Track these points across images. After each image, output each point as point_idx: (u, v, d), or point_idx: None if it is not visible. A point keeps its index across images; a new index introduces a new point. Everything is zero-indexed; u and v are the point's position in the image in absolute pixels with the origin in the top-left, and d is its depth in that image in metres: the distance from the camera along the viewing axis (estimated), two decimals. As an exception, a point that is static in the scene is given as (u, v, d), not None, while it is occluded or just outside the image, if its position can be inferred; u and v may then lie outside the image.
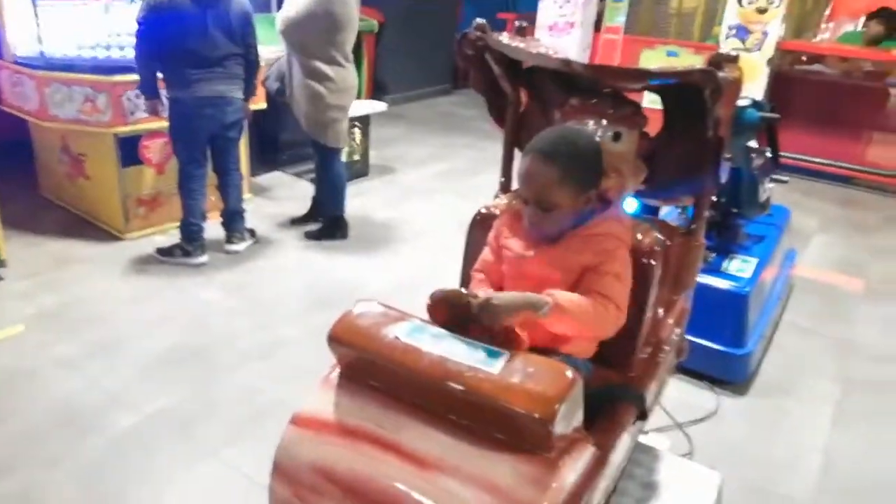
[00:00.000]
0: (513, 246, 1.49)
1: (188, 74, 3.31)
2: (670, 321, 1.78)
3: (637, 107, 1.62)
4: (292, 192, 4.83)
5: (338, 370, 1.32)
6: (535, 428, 1.07)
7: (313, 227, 4.14)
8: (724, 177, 1.63)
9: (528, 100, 1.86)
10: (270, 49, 4.01)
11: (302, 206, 4.36)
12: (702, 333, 2.71)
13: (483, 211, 1.72)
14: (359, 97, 4.44)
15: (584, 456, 1.21)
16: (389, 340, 1.21)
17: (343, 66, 3.69)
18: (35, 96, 3.74)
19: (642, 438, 2.01)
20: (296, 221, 4.28)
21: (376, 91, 7.03)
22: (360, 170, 5.17)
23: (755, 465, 2.37)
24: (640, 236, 1.54)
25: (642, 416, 1.56)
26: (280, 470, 1.26)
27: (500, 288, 1.51)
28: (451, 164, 5.67)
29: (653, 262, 1.53)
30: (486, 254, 1.58)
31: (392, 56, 7.16)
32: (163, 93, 3.46)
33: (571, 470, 1.14)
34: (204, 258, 3.66)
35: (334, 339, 1.26)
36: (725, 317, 2.75)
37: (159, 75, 3.40)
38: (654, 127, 1.66)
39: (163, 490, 2.12)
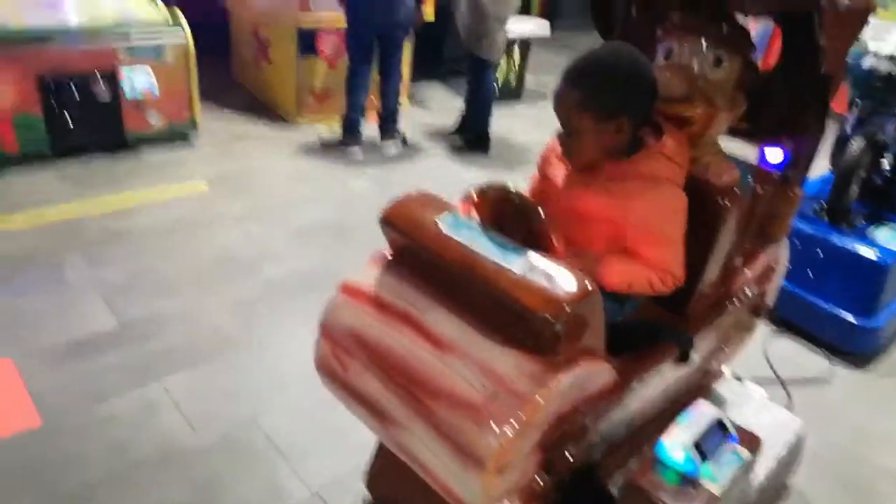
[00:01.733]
0: (554, 173, 1.46)
1: None
2: (748, 273, 1.68)
3: (743, 30, 1.46)
4: (447, 104, 5.05)
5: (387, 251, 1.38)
6: (542, 327, 1.08)
7: (458, 139, 4.36)
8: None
9: (635, 11, 1.70)
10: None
11: (452, 119, 4.57)
12: (830, 299, 2.63)
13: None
14: (528, 13, 4.46)
15: (593, 371, 1.22)
16: (429, 228, 1.25)
17: (507, -24, 3.76)
18: (237, -17, 4.21)
19: (734, 383, 2.04)
20: (444, 134, 4.51)
21: (549, 15, 6.94)
22: (514, 92, 5.25)
23: (856, 434, 2.31)
24: (719, 173, 1.42)
25: (683, 357, 1.52)
26: (325, 329, 1.38)
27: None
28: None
29: (727, 204, 1.41)
30: (535, 174, 1.57)
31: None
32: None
33: (573, 378, 1.15)
34: (358, 149, 4.02)
35: (385, 222, 1.32)
36: (859, 285, 2.62)
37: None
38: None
39: (290, 334, 2.51)
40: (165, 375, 2.23)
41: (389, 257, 1.37)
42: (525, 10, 6.13)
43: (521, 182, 1.49)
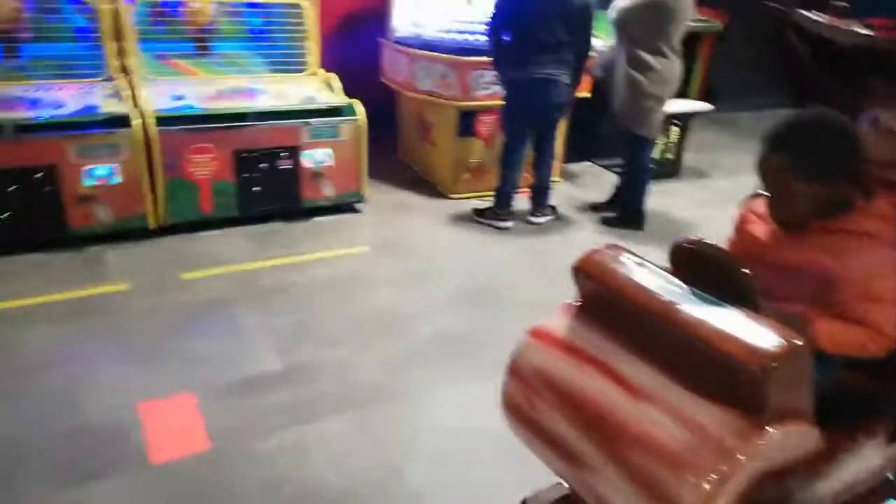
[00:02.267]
0: (755, 230, 1.46)
1: (526, 57, 3.74)
2: None
3: None
4: (598, 181, 5.04)
5: (578, 300, 1.44)
6: (749, 380, 1.06)
7: (611, 214, 4.31)
8: None
9: (836, 85, 1.76)
10: (603, 42, 4.27)
11: (605, 194, 4.55)
12: None
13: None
14: (686, 97, 4.43)
15: (799, 434, 1.14)
16: (626, 279, 1.29)
17: (667, 58, 3.76)
18: (405, 70, 4.60)
19: None
20: (595, 207, 4.49)
21: (707, 94, 6.81)
22: (671, 169, 5.14)
23: None
24: None
25: None
26: (513, 368, 1.45)
27: None
28: (774, 177, 5.26)
29: None
30: (731, 232, 1.57)
31: (730, 60, 6.85)
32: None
33: (779, 438, 1.10)
34: (510, 224, 4.11)
35: (579, 270, 1.39)
36: None
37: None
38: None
39: (438, 390, 2.54)
40: (321, 419, 2.33)
41: (579, 305, 1.41)
42: (684, 92, 6.10)
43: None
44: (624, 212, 4.24)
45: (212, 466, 2.10)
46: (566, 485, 1.45)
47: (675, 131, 4.96)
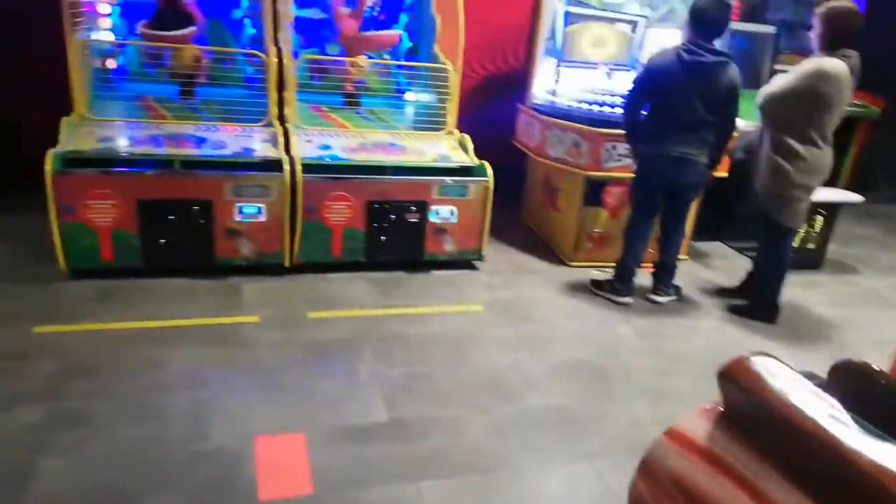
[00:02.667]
0: None
1: (662, 134, 3.68)
2: None
3: None
4: (729, 263, 4.82)
5: (719, 405, 1.39)
6: None
7: (740, 302, 4.09)
8: None
9: None
10: (747, 122, 4.13)
11: (735, 279, 4.34)
12: None
13: None
14: (833, 184, 4.18)
15: None
16: (780, 395, 1.23)
17: (818, 147, 3.56)
18: (538, 136, 4.68)
19: None
20: (724, 292, 4.28)
21: (858, 183, 6.36)
22: (812, 260, 4.81)
23: None
24: None
25: None
26: (645, 468, 1.43)
27: None
28: (932, 280, 4.79)
29: None
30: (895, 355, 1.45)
31: (887, 149, 6.38)
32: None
33: None
34: (629, 300, 4.00)
35: (726, 377, 1.33)
36: None
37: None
38: None
39: (543, 464, 2.48)
40: (423, 478, 2.35)
41: (722, 411, 1.37)
42: (832, 180, 5.72)
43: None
44: (755, 301, 4.00)
45: (314, 510, 2.17)
46: None
47: (819, 220, 4.66)
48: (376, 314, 3.55)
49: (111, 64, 4.10)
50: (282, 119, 4.08)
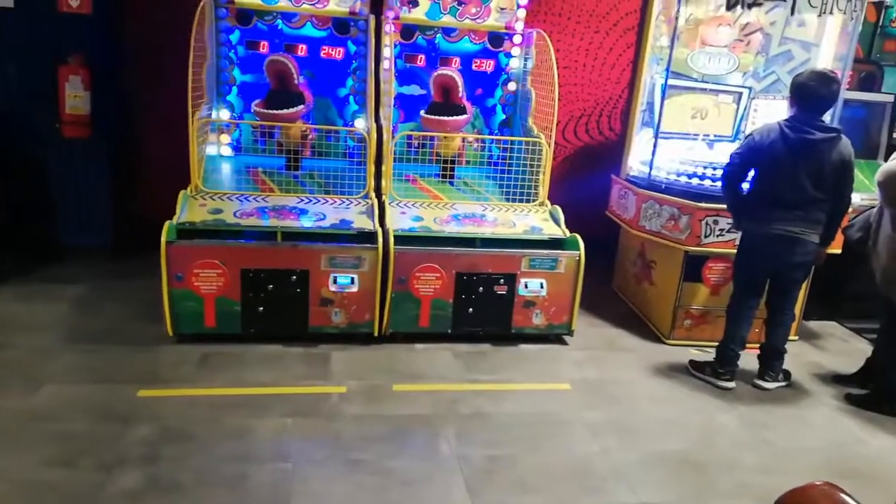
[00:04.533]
0: None
1: (767, 212, 3.49)
2: None
3: None
4: (844, 346, 4.43)
5: None
6: None
7: (859, 391, 3.72)
8: None
9: None
10: (863, 196, 3.85)
11: (852, 364, 3.97)
12: None
13: None
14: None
15: None
16: None
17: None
18: (633, 208, 4.57)
19: None
20: (840, 379, 3.93)
21: None
22: (944, 346, 4.32)
23: None
24: None
25: None
26: None
27: None
28: None
29: None
30: None
31: None
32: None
33: None
34: (731, 384, 3.74)
35: None
36: None
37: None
38: None
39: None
40: (500, 574, 2.25)
41: None
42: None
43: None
44: (878, 390, 3.63)
45: None
46: None
47: (951, 303, 4.20)
48: (461, 389, 3.51)
49: (226, 139, 4.43)
50: (378, 192, 4.23)
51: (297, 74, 4.42)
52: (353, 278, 3.80)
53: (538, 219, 4.30)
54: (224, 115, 4.43)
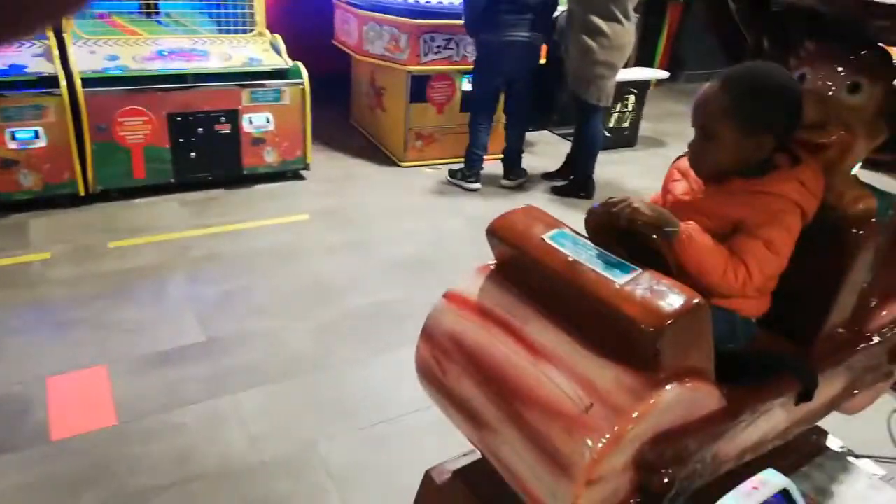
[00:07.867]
0: (676, 188, 1.43)
1: (503, 19, 3.67)
2: (886, 315, 1.52)
3: (886, 56, 1.38)
4: (554, 150, 4.98)
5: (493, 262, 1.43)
6: (643, 339, 1.06)
7: (561, 182, 4.26)
8: None
9: (766, 45, 1.70)
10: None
11: (559, 163, 4.49)
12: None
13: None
14: (650, 65, 4.36)
15: (697, 393, 1.15)
16: (533, 240, 1.28)
17: (620, 23, 3.67)
18: (356, 32, 4.46)
19: (843, 457, 1.77)
20: (547, 176, 4.44)
21: (672, 64, 6.74)
22: (627, 138, 5.08)
23: None
24: (854, 203, 1.34)
25: (806, 396, 1.38)
26: (426, 332, 1.44)
27: None
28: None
29: (861, 234, 1.33)
30: (656, 193, 1.53)
31: (696, 30, 6.76)
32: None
33: (674, 397, 1.10)
34: (477, 185, 4.11)
35: (491, 233, 1.37)
36: None
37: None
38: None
39: (369, 362, 2.50)
40: (239, 391, 2.28)
41: (493, 267, 1.40)
42: (649, 60, 6.01)
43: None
44: (574, 179, 4.20)
45: (117, 441, 2.04)
46: (478, 453, 1.45)
47: (631, 100, 4.89)
48: (189, 235, 3.32)
49: None
50: (57, 30, 3.56)
51: None
52: (36, 132, 3.25)
53: (258, 49, 3.99)
54: None
